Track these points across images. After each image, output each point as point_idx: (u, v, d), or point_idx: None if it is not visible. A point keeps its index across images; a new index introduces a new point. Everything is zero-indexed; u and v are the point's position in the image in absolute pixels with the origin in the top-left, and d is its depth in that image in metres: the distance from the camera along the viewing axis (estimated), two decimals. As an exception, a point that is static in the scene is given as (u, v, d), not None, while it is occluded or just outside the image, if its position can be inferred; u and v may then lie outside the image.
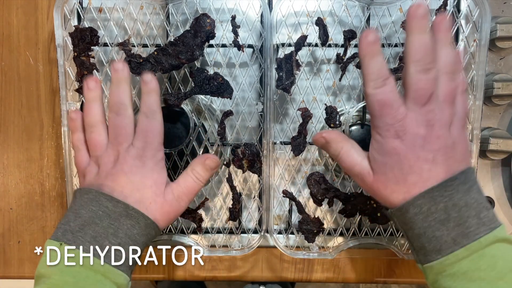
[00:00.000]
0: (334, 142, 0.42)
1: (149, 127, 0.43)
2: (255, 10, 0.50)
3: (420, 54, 0.36)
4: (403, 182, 0.37)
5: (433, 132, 0.37)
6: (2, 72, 0.55)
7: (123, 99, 0.43)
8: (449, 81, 0.37)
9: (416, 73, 0.36)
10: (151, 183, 0.42)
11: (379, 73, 0.37)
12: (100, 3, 0.51)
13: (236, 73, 0.51)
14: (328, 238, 0.54)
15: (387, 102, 0.37)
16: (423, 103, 0.36)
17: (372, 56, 0.37)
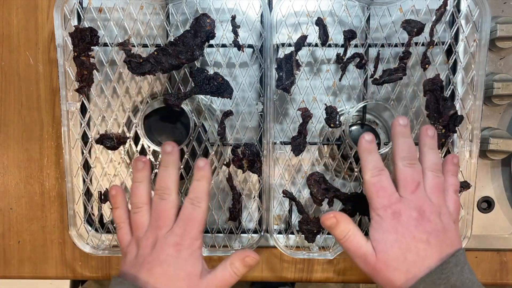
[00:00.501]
0: (343, 224, 0.44)
1: (192, 215, 0.44)
2: (255, 10, 0.50)
3: (406, 152, 0.43)
4: (403, 261, 0.40)
5: (424, 216, 0.41)
6: (2, 72, 0.55)
7: (169, 183, 0.45)
8: (434, 177, 0.43)
9: (403, 167, 0.43)
10: (185, 275, 0.42)
11: (376, 165, 0.43)
12: (100, 3, 0.51)
13: (236, 73, 0.51)
14: (328, 238, 0.54)
15: (383, 187, 0.42)
16: (412, 190, 0.42)
17: (369, 152, 0.44)
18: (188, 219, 0.43)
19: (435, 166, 0.44)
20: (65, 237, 0.57)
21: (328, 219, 0.45)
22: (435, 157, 0.44)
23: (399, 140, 0.44)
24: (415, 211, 0.41)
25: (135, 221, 0.45)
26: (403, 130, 0.44)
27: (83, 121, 0.51)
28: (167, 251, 0.42)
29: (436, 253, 0.40)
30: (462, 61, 0.50)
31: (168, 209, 0.44)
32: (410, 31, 0.48)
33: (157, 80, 0.53)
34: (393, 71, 0.49)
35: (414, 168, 0.43)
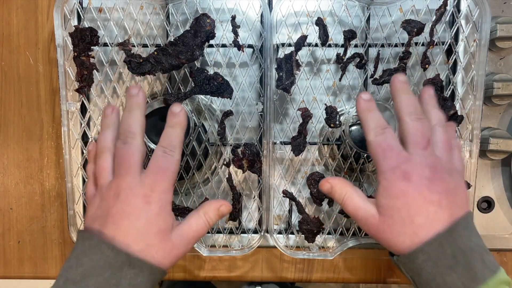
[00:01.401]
0: (338, 188, 0.42)
1: (164, 165, 0.40)
2: (255, 10, 0.50)
3: (412, 107, 0.40)
4: (410, 224, 0.38)
5: (437, 174, 0.38)
6: (2, 72, 0.55)
7: (133, 127, 0.41)
8: (443, 132, 0.41)
9: (411, 121, 0.40)
10: (157, 230, 0.39)
11: (378, 123, 0.41)
12: (100, 3, 0.51)
13: (236, 73, 0.51)
14: (328, 238, 0.54)
15: (389, 146, 0.39)
16: (424, 146, 0.39)
17: (369, 111, 0.41)
18: (159, 169, 0.40)
19: (442, 121, 0.42)
20: (65, 237, 0.57)
21: (323, 185, 0.43)
22: (440, 114, 0.42)
23: (402, 96, 0.41)
24: (428, 169, 0.38)
25: (97, 167, 0.41)
26: (405, 86, 0.42)
27: (83, 121, 0.51)
28: (134, 202, 0.38)
29: (447, 216, 0.38)
30: (462, 61, 0.50)
31: (131, 154, 0.40)
32: (410, 31, 0.49)
33: (157, 80, 0.53)
34: (393, 71, 0.49)
35: (423, 122, 0.40)
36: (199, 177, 0.53)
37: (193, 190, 0.53)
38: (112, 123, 0.43)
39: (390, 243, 0.39)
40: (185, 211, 0.51)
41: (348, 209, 0.42)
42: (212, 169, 0.55)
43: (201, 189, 0.53)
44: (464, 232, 0.38)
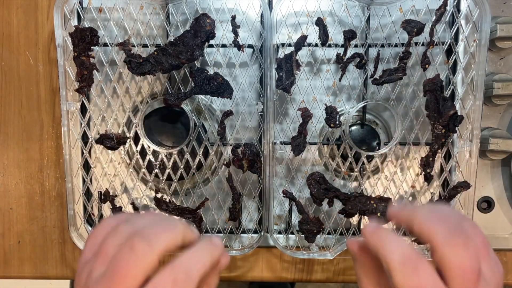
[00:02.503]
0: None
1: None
2: (255, 10, 0.50)
3: (448, 225, 0.29)
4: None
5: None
6: (2, 72, 0.55)
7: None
8: (489, 255, 0.30)
9: (454, 252, 0.28)
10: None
11: (403, 251, 0.29)
12: (100, 3, 0.51)
13: (236, 73, 0.51)
14: (328, 238, 0.54)
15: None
16: (474, 285, 0.29)
17: (382, 236, 0.31)
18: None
19: (484, 241, 0.31)
20: (65, 237, 0.57)
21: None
22: (477, 229, 0.31)
23: (427, 214, 0.30)
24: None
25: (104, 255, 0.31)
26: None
27: (83, 121, 0.51)
28: None
29: None
30: (462, 61, 0.50)
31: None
32: (410, 31, 0.49)
33: (157, 80, 0.53)
34: (393, 71, 0.49)
35: (469, 250, 0.28)
36: (199, 177, 0.53)
37: (193, 190, 0.53)
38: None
39: None
40: (185, 211, 0.51)
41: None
42: (212, 169, 0.55)
43: (201, 189, 0.53)
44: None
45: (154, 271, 0.29)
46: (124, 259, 0.28)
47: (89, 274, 0.30)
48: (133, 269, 0.28)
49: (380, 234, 0.30)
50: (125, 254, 0.28)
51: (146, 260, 0.28)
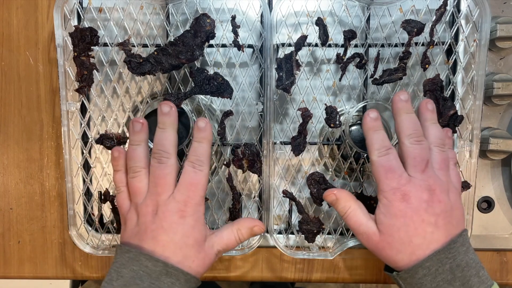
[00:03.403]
0: (343, 200, 0.44)
1: (194, 180, 0.42)
2: (255, 10, 0.50)
3: (411, 129, 0.42)
4: (408, 243, 0.40)
5: (434, 197, 0.40)
6: (2, 72, 0.55)
7: (167, 146, 0.43)
8: (440, 152, 0.43)
9: (411, 145, 0.41)
10: (193, 241, 0.42)
11: (382, 143, 0.42)
12: (100, 3, 0.51)
13: (236, 73, 0.51)
14: (328, 238, 0.54)
15: (391, 168, 0.41)
16: (422, 169, 0.41)
17: (375, 130, 0.43)
18: (190, 184, 0.42)
19: (440, 140, 0.43)
20: (65, 237, 0.57)
21: (328, 196, 0.45)
22: (438, 131, 0.44)
23: (402, 116, 0.43)
24: (426, 192, 0.40)
25: (132, 186, 0.44)
26: (406, 105, 0.43)
27: (83, 121, 0.51)
28: (170, 218, 0.41)
29: (443, 236, 0.40)
30: (462, 61, 0.50)
31: (167, 174, 0.43)
32: (410, 31, 0.48)
33: (157, 80, 0.53)
34: (393, 71, 0.49)
35: (422, 145, 0.42)
36: (199, 177, 0.53)
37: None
38: (143, 140, 0.45)
39: (389, 259, 0.42)
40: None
41: (350, 223, 0.44)
42: (212, 169, 0.55)
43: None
44: (461, 248, 0.40)
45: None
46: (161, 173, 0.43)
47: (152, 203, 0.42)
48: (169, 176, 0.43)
49: (373, 129, 0.43)
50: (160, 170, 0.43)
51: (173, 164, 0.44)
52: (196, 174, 0.43)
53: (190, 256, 0.42)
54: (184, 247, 0.42)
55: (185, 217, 0.42)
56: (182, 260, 0.41)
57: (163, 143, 0.43)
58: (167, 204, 0.42)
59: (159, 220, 0.41)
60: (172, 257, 0.41)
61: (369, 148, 0.43)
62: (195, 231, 0.42)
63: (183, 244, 0.41)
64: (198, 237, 0.42)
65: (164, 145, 0.43)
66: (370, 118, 0.43)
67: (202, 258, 0.43)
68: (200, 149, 0.43)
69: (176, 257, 0.41)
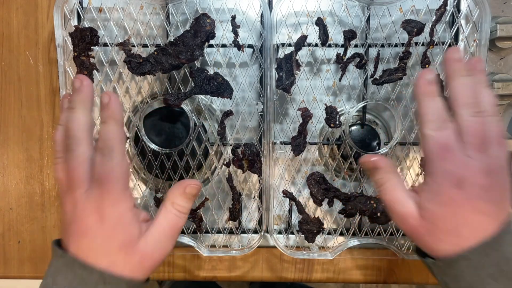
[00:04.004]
0: (383, 171, 0.39)
1: (105, 170, 0.35)
2: (255, 10, 0.50)
3: (471, 98, 0.35)
4: (455, 234, 0.35)
5: (493, 182, 0.35)
6: (2, 72, 0.55)
7: (75, 131, 0.36)
8: (497, 123, 0.36)
9: (470, 118, 0.35)
10: (118, 245, 0.35)
11: (440, 114, 0.36)
12: (100, 3, 0.51)
13: (236, 73, 0.51)
14: (328, 238, 0.54)
15: (449, 147, 0.35)
16: (484, 149, 0.35)
17: (431, 96, 0.36)
18: (101, 179, 0.35)
19: (494, 108, 0.36)
20: (65, 237, 0.57)
21: (366, 162, 0.40)
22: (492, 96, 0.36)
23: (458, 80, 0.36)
24: (483, 177, 0.34)
25: (55, 175, 0.37)
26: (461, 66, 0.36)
27: (83, 121, 0.51)
28: (86, 220, 0.35)
29: (493, 224, 0.35)
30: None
31: (77, 165, 0.35)
32: (410, 31, 0.48)
33: (157, 80, 0.53)
34: (393, 71, 0.49)
35: (483, 118, 0.35)
36: (199, 177, 0.53)
37: (193, 190, 0.53)
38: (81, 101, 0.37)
39: (427, 246, 0.37)
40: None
41: (386, 198, 0.38)
42: (212, 169, 0.55)
43: (201, 189, 0.53)
44: (510, 237, 0.35)
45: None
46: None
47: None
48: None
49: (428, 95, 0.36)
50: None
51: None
52: (106, 163, 0.35)
53: (118, 261, 0.35)
54: (108, 252, 0.35)
55: (104, 218, 0.35)
56: (110, 265, 0.35)
57: (72, 127, 0.36)
58: (83, 203, 0.35)
59: (76, 222, 0.35)
60: (98, 263, 0.35)
61: (421, 118, 0.36)
62: (118, 233, 0.35)
63: (106, 249, 0.35)
64: (124, 238, 0.35)
65: (72, 129, 0.36)
66: (425, 80, 0.36)
67: (138, 261, 0.36)
68: (106, 131, 0.35)
69: (102, 262, 0.35)
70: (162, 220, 0.38)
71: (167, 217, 0.38)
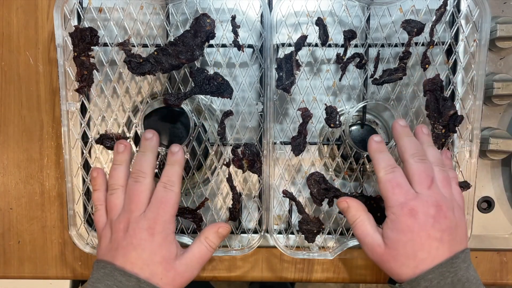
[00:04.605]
0: (354, 209, 0.45)
1: (164, 198, 0.44)
2: (255, 10, 0.50)
3: (414, 148, 0.44)
4: (413, 258, 0.41)
5: (441, 213, 0.41)
6: (2, 72, 0.55)
7: (144, 167, 0.45)
8: (441, 170, 0.44)
9: (415, 163, 0.43)
10: (160, 259, 0.43)
11: (388, 162, 0.44)
12: (100, 3, 0.51)
13: (236, 73, 0.51)
14: (328, 238, 0.54)
15: (399, 183, 0.42)
16: (428, 185, 0.42)
17: (380, 151, 0.45)
18: (160, 203, 0.44)
19: (439, 160, 0.45)
20: (65, 237, 0.57)
21: (341, 203, 0.46)
22: (436, 152, 0.46)
23: (404, 139, 0.45)
24: (433, 208, 0.41)
25: (109, 202, 0.46)
26: (405, 130, 0.46)
27: (83, 121, 0.51)
28: (139, 235, 0.43)
29: (447, 251, 0.41)
30: (462, 61, 0.50)
31: (141, 192, 0.44)
32: (410, 31, 0.49)
33: (157, 80, 0.53)
34: (393, 71, 0.50)
35: (426, 163, 0.43)
36: (199, 177, 0.53)
37: (193, 190, 0.53)
38: (124, 160, 0.47)
39: (392, 271, 0.42)
40: (185, 211, 0.51)
41: (357, 232, 0.45)
42: (212, 169, 0.55)
43: (201, 189, 0.53)
44: (463, 264, 0.41)
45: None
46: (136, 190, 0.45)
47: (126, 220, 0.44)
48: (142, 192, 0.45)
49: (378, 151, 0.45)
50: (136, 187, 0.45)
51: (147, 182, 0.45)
52: (167, 193, 0.44)
53: (157, 273, 0.42)
54: (151, 264, 0.42)
55: (154, 235, 0.43)
56: (149, 276, 0.42)
57: (141, 164, 0.45)
58: (138, 222, 0.43)
59: (130, 237, 0.43)
60: (140, 274, 0.42)
61: (376, 167, 0.44)
62: (162, 248, 0.43)
63: (150, 261, 0.42)
64: (166, 254, 0.43)
65: (142, 166, 0.45)
66: (374, 141, 0.45)
67: (172, 276, 0.43)
68: (171, 171, 0.45)
69: (143, 273, 0.42)
70: (195, 249, 0.46)
71: (199, 248, 0.46)
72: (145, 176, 0.45)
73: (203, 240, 0.46)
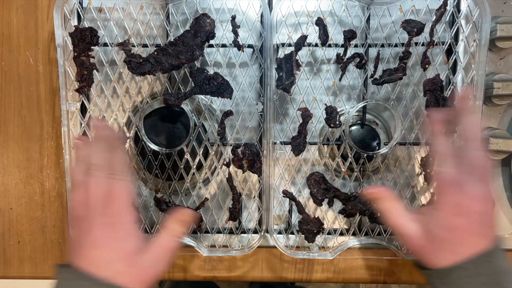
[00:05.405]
0: (384, 200, 0.44)
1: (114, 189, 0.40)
2: (255, 10, 0.50)
3: (478, 135, 0.41)
4: (454, 251, 0.40)
5: (489, 208, 0.41)
6: (2, 72, 0.55)
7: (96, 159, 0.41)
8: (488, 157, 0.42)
9: (478, 151, 0.41)
10: (121, 255, 0.39)
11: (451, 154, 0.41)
12: (100, 3, 0.51)
13: (236, 73, 0.51)
14: (328, 238, 0.54)
15: (458, 182, 0.40)
16: (485, 179, 0.40)
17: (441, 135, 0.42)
18: (110, 196, 0.40)
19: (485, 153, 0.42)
20: (65, 237, 0.57)
21: (367, 195, 0.45)
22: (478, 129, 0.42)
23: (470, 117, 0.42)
24: (482, 204, 0.40)
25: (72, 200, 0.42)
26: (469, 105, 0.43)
27: (83, 121, 0.51)
28: (97, 232, 0.39)
29: (486, 243, 0.40)
30: (462, 61, 0.50)
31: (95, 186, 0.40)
32: (410, 31, 0.49)
33: (157, 80, 0.53)
34: (393, 71, 0.49)
35: (484, 152, 0.41)
36: (199, 177, 0.53)
37: (193, 190, 0.53)
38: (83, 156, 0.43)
39: (428, 260, 0.41)
40: (185, 211, 0.51)
41: (390, 223, 0.43)
42: (212, 169, 0.55)
43: (201, 189, 0.53)
44: (501, 254, 0.40)
45: None
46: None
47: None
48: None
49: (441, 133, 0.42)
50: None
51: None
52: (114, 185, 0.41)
53: (121, 272, 0.39)
54: (114, 262, 0.39)
55: (111, 230, 0.40)
56: (113, 275, 0.38)
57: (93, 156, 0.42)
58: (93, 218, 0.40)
59: (89, 235, 0.40)
60: (102, 273, 0.38)
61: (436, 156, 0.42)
62: (122, 243, 0.40)
63: (113, 260, 0.39)
64: (127, 249, 0.40)
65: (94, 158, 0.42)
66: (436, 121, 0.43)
67: (136, 273, 0.40)
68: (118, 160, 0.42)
69: (106, 273, 0.38)
70: (160, 241, 0.42)
71: (164, 239, 0.42)
72: (98, 168, 0.41)
73: (169, 230, 0.43)
